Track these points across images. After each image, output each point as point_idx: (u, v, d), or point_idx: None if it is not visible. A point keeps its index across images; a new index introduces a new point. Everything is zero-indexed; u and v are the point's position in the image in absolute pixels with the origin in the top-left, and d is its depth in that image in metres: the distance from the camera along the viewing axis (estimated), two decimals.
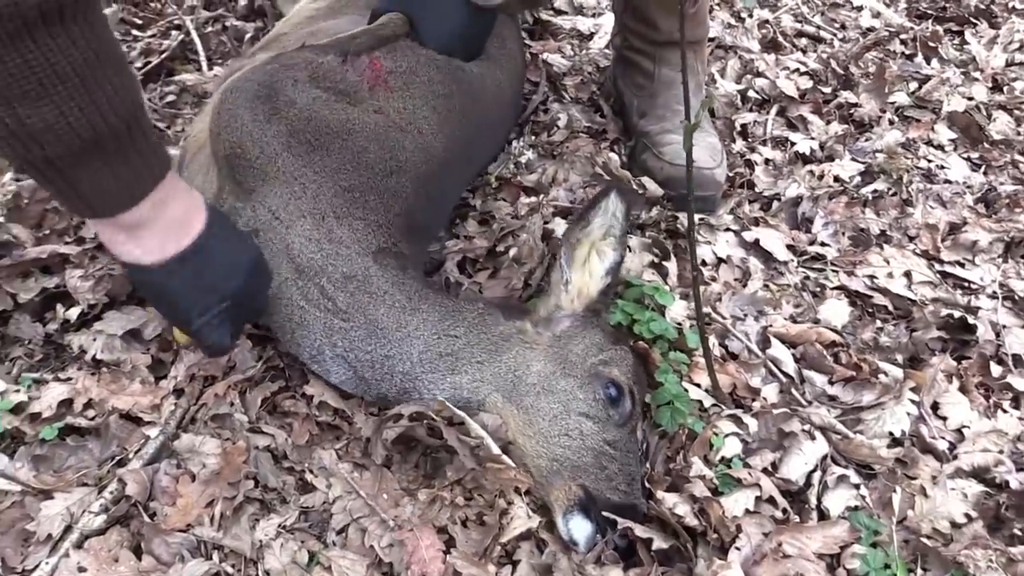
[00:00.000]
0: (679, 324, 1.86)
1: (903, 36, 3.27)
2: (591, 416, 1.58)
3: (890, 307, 2.06)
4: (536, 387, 1.60)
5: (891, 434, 1.73)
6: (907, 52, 3.19)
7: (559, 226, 2.08)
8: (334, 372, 1.68)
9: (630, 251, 1.99)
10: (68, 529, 1.49)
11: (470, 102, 2.05)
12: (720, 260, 2.14)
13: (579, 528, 1.49)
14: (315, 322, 1.66)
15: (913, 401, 1.77)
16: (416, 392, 1.62)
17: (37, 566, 1.43)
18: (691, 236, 1.55)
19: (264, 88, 1.76)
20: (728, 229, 2.24)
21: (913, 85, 2.93)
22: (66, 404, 1.68)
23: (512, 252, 1.99)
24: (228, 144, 1.71)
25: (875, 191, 2.42)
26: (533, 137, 2.48)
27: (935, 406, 1.82)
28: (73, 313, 1.81)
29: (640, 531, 1.47)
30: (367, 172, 1.75)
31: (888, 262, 2.15)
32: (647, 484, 1.61)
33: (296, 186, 1.69)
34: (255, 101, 1.73)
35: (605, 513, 1.49)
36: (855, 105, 2.78)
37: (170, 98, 2.60)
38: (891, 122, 2.74)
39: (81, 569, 1.41)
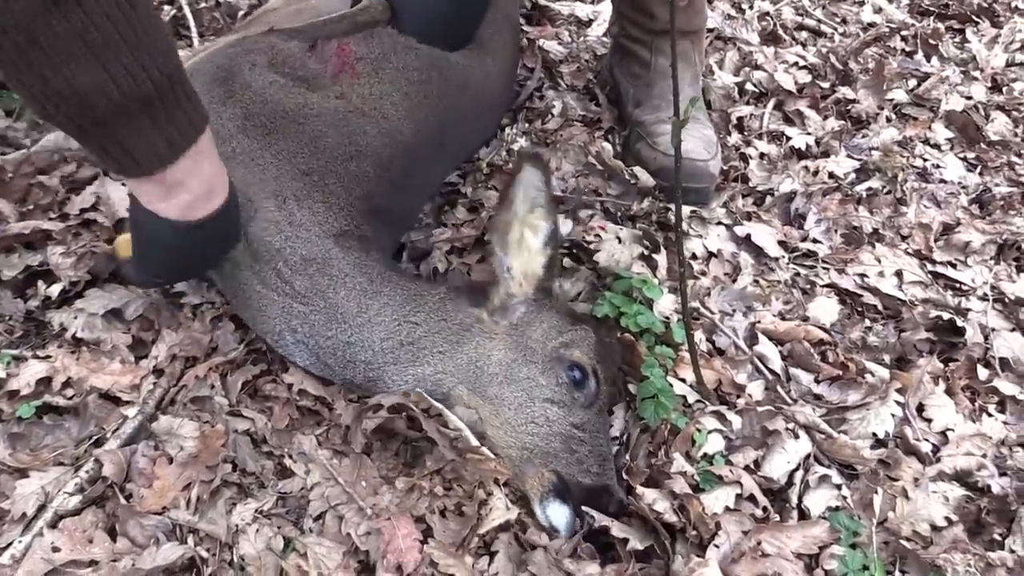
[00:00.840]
0: (667, 318, 1.84)
1: (904, 32, 3.24)
2: (556, 401, 1.57)
3: (880, 306, 2.05)
4: (498, 377, 1.59)
5: (875, 435, 1.71)
6: (907, 49, 3.17)
7: None
8: (298, 356, 1.68)
9: (620, 242, 1.98)
10: (42, 508, 1.47)
11: (451, 89, 2.03)
12: (711, 254, 2.12)
13: (557, 513, 1.49)
14: (272, 306, 1.65)
15: (898, 402, 1.76)
16: (382, 383, 1.61)
17: (10, 544, 1.42)
18: (678, 231, 1.54)
19: (222, 71, 1.77)
20: (720, 223, 2.22)
21: (912, 83, 2.92)
22: (44, 382, 1.66)
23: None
24: None
25: (869, 189, 2.40)
26: (527, 124, 2.46)
27: (920, 408, 1.81)
28: (55, 290, 1.79)
29: (617, 530, 1.46)
30: (325, 156, 1.74)
31: (880, 261, 2.14)
32: (626, 476, 1.60)
33: (255, 168, 1.69)
34: (212, 84, 1.75)
35: (585, 508, 1.48)
36: (853, 101, 2.76)
37: None
38: (888, 119, 2.73)
39: (55, 549, 1.39)
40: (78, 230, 1.91)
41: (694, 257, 2.09)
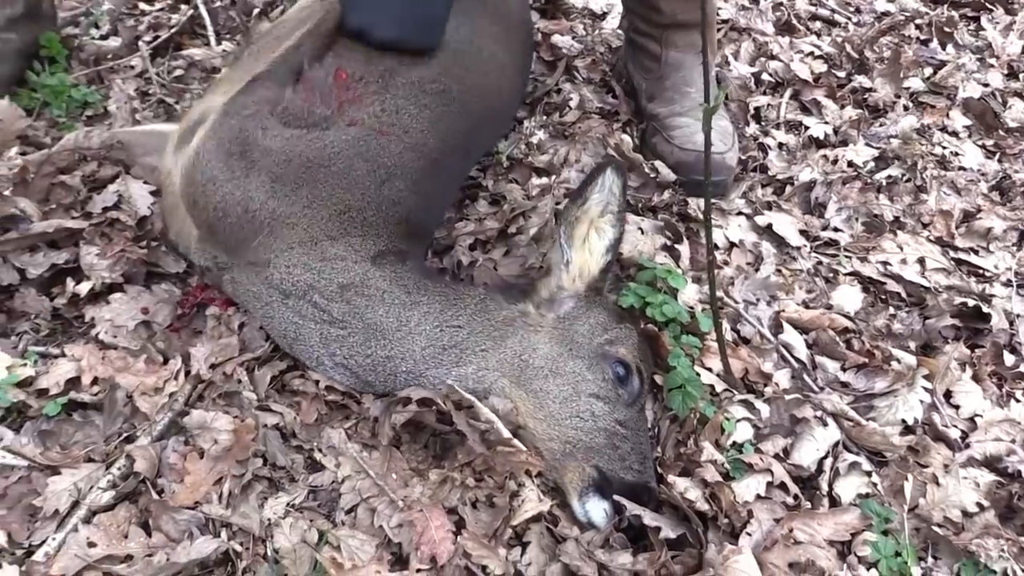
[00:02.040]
0: (691, 308, 1.84)
1: (918, 21, 3.23)
2: (601, 397, 1.57)
3: (903, 294, 2.04)
4: (544, 370, 1.59)
5: (903, 422, 1.71)
6: (922, 37, 3.15)
7: None
8: (337, 377, 1.68)
9: (642, 233, 1.97)
10: (76, 505, 1.48)
11: (470, 93, 1.99)
12: (732, 244, 2.12)
13: (596, 509, 1.49)
14: (311, 335, 1.66)
15: (926, 389, 1.75)
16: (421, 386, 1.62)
17: (44, 541, 1.43)
18: (707, 220, 1.53)
19: (235, 144, 1.72)
20: (740, 213, 2.22)
21: (928, 71, 2.90)
22: (73, 381, 1.66)
23: (532, 231, 1.96)
24: (209, 210, 1.71)
25: (889, 177, 2.39)
26: (544, 117, 2.45)
27: (948, 394, 1.80)
28: (83, 288, 1.80)
29: (649, 519, 1.46)
30: (360, 189, 1.72)
31: (902, 248, 2.13)
32: (658, 468, 1.60)
33: (283, 227, 1.68)
34: (229, 159, 1.71)
35: (617, 497, 1.48)
36: (869, 90, 2.75)
37: (178, 72, 2.58)
38: (906, 108, 2.71)
39: (91, 544, 1.40)
40: (104, 230, 1.91)
41: (716, 247, 2.09)
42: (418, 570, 1.39)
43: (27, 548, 1.44)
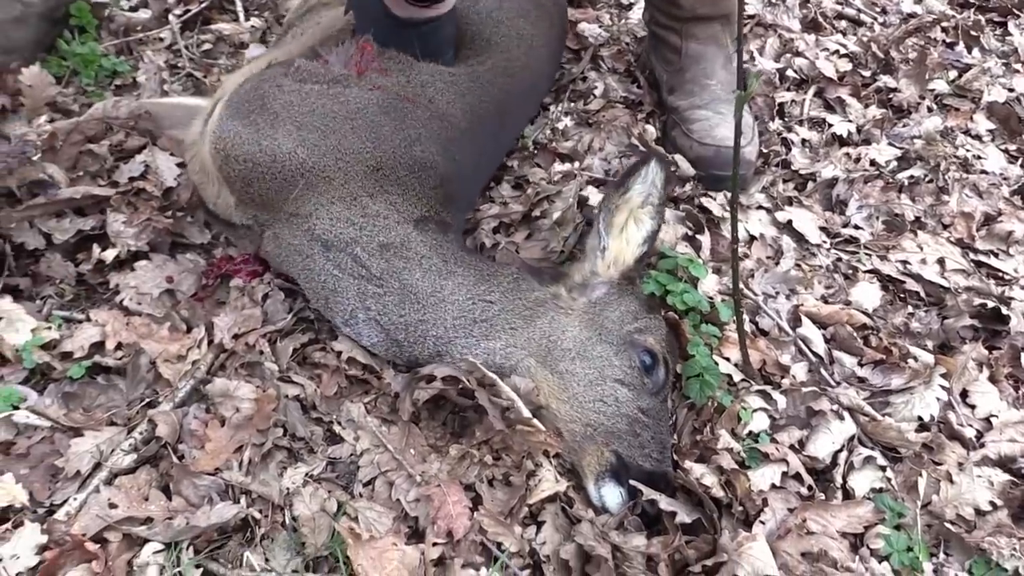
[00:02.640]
0: (711, 298, 1.85)
1: (945, 24, 3.21)
2: (626, 383, 1.58)
3: (922, 293, 2.04)
4: (571, 352, 1.60)
5: (919, 419, 1.72)
6: (948, 40, 3.14)
7: (592, 195, 2.07)
8: (366, 335, 1.68)
9: (664, 223, 1.98)
10: (97, 466, 1.50)
11: (501, 73, 2.02)
12: (752, 237, 2.12)
13: (611, 494, 1.50)
14: (348, 288, 1.67)
15: (943, 387, 1.75)
16: (449, 357, 1.62)
17: (65, 501, 1.45)
18: (733, 209, 1.54)
19: (255, 102, 1.74)
20: (760, 207, 2.22)
21: (953, 73, 2.89)
22: (97, 346, 1.68)
23: (555, 215, 1.97)
24: (238, 165, 1.72)
25: (911, 177, 2.39)
26: (570, 104, 2.46)
27: (964, 394, 1.81)
28: (109, 255, 1.82)
29: (665, 504, 1.47)
30: (389, 145, 1.73)
31: (922, 248, 2.13)
32: (673, 455, 1.61)
33: (319, 180, 1.69)
34: (250, 115, 1.73)
35: (633, 483, 1.49)
36: (894, 90, 2.74)
37: (206, 46, 2.59)
38: (930, 109, 2.71)
39: (112, 505, 1.42)
40: (131, 199, 1.92)
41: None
42: (434, 544, 1.40)
43: (48, 507, 1.46)
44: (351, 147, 1.71)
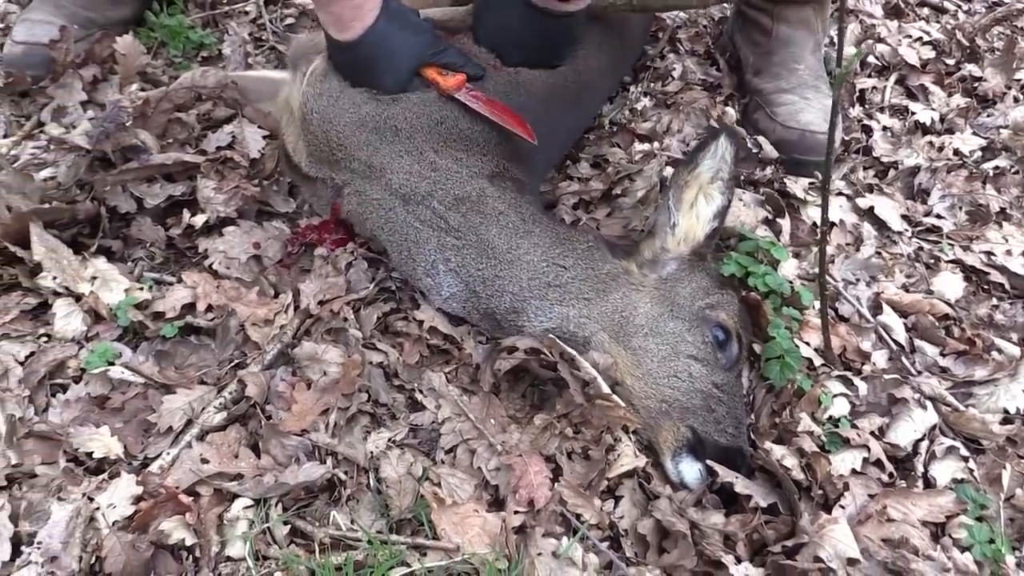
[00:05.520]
0: (790, 281, 1.83)
1: None
2: (700, 359, 1.58)
3: (1007, 285, 2.00)
4: (644, 328, 1.60)
5: (1004, 411, 1.68)
6: None
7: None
8: (446, 284, 1.71)
9: (744, 205, 1.97)
10: (189, 423, 1.55)
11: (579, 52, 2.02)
12: (832, 224, 2.10)
13: (689, 469, 1.51)
14: (429, 240, 1.71)
15: None
16: (524, 315, 1.64)
17: (159, 455, 1.49)
18: (825, 191, 1.52)
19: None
20: (841, 193, 2.19)
21: None
22: (188, 307, 1.73)
23: (639, 194, 1.97)
24: (316, 121, 1.79)
25: (996, 168, 2.34)
26: (649, 85, 2.45)
27: None
28: (199, 220, 1.86)
29: (741, 487, 1.47)
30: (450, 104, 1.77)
31: (1007, 240, 2.09)
32: (751, 435, 1.60)
33: (387, 131, 1.74)
34: (327, 76, 1.81)
35: (710, 463, 1.49)
36: (979, 79, 2.68)
37: (289, 21, 2.63)
38: (1016, 99, 2.64)
39: (204, 460, 1.47)
40: (219, 167, 1.97)
41: (815, 226, 2.07)
42: (515, 512, 1.42)
43: (142, 460, 1.52)
44: (414, 104, 1.76)
